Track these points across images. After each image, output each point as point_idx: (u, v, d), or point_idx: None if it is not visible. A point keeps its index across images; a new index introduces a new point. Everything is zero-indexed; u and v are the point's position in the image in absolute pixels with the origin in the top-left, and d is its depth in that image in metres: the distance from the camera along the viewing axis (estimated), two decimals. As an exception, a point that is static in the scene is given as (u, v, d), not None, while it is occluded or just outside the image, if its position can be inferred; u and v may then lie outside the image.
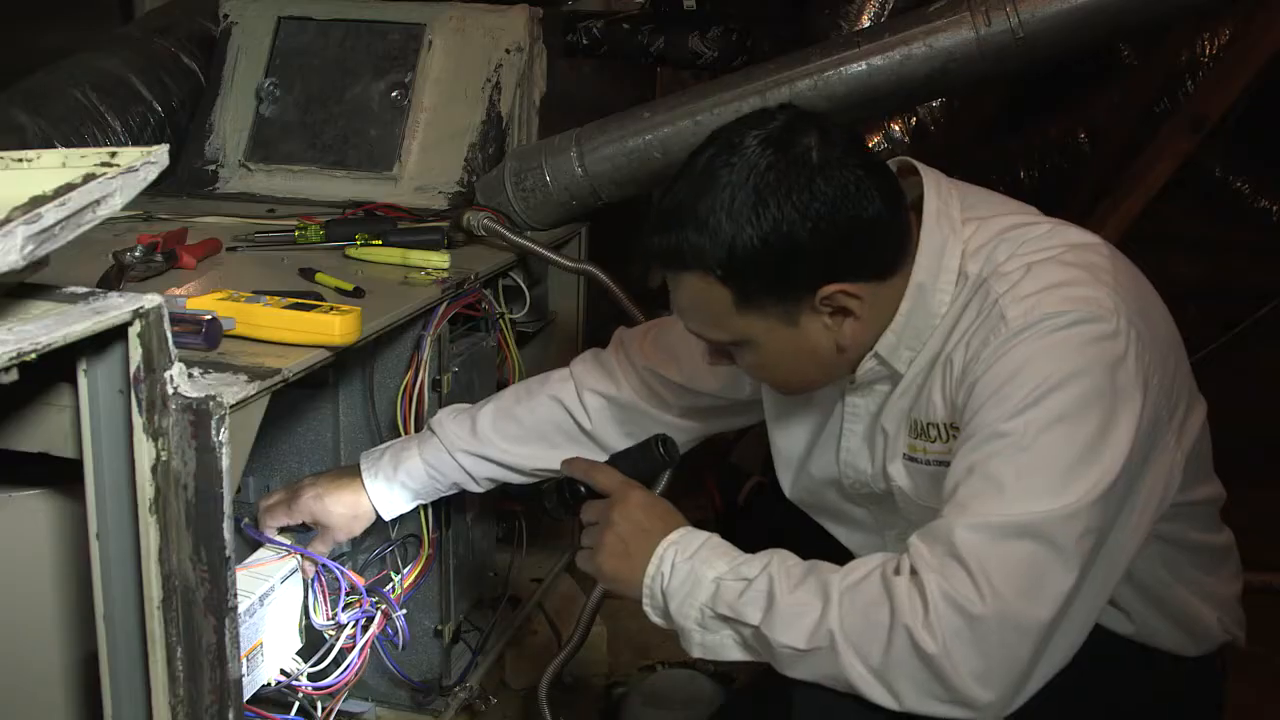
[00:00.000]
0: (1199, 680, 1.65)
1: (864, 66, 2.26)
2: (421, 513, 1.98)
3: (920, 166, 1.56)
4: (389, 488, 1.88)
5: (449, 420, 1.90)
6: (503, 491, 2.05)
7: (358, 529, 1.88)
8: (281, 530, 1.85)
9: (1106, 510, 1.32)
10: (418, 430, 1.95)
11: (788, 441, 1.76)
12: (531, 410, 1.92)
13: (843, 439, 1.64)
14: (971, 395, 1.40)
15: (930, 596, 1.26)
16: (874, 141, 3.96)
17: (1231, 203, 4.28)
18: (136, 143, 2.63)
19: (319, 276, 1.95)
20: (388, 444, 1.93)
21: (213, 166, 2.70)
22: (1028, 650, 1.27)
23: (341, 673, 1.82)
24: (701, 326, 1.51)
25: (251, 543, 1.81)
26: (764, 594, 1.36)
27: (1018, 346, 1.37)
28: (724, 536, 1.47)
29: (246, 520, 1.84)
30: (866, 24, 3.41)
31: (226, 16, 2.81)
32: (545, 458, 1.90)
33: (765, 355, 1.50)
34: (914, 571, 1.30)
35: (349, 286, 1.87)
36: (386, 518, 1.90)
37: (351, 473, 1.89)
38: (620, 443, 1.86)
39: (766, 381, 1.63)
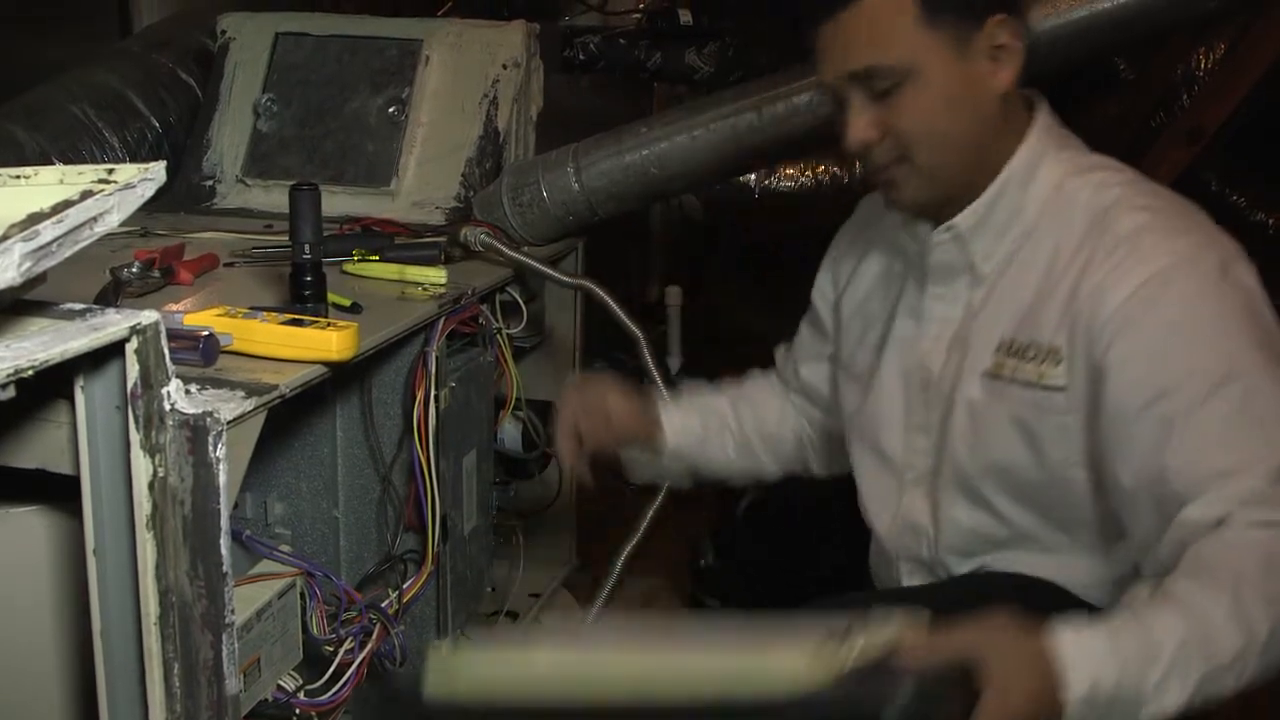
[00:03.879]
0: None
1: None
2: (430, 526, 1.98)
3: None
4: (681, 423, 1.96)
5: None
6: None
7: (632, 437, 1.92)
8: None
9: None
10: (434, 447, 1.97)
11: (862, 356, 1.78)
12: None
13: (919, 338, 1.68)
14: (1128, 338, 1.45)
15: None
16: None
17: (1229, 216, 4.29)
18: (134, 158, 2.63)
19: (316, 292, 1.95)
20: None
21: (210, 182, 2.70)
22: None
23: (339, 688, 1.82)
24: (873, 53, 1.50)
25: (253, 556, 1.81)
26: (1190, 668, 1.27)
27: (1173, 288, 1.44)
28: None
29: (249, 532, 1.84)
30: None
31: (224, 32, 2.81)
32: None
33: (931, 91, 1.51)
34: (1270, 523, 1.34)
35: (346, 302, 1.87)
36: (667, 445, 1.95)
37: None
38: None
39: (922, 133, 1.55)
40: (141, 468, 1.25)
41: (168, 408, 1.25)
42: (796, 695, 1.16)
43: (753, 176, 4.00)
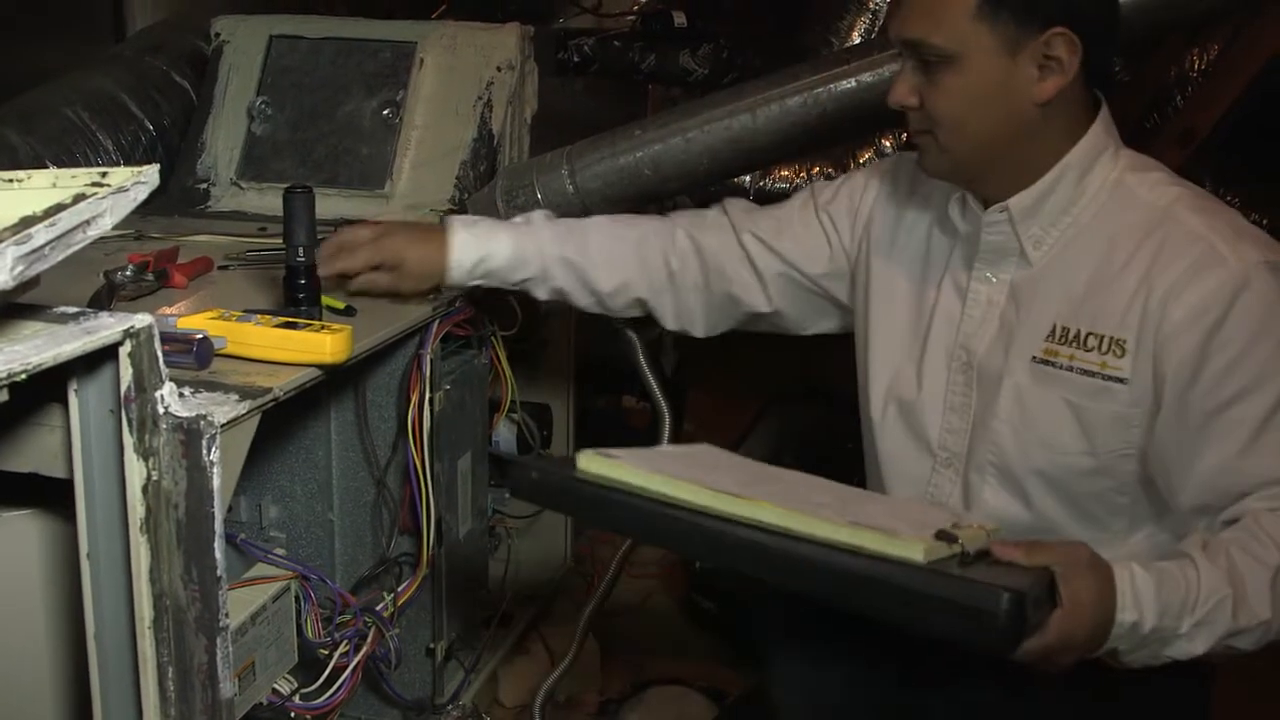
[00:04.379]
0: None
1: (854, 84, 2.26)
2: (424, 529, 1.98)
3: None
4: (472, 248, 1.96)
5: (546, 222, 2.01)
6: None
7: (424, 283, 1.96)
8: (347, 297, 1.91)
9: None
10: (429, 450, 1.97)
11: (907, 332, 1.78)
12: (636, 241, 2.01)
13: (963, 320, 1.70)
14: (1206, 339, 1.49)
15: None
16: (865, 157, 3.97)
17: (1223, 216, 4.30)
18: (128, 161, 2.63)
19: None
20: (478, 218, 2.06)
21: (204, 185, 2.70)
22: None
23: (334, 692, 1.82)
24: (927, 27, 1.55)
25: (247, 559, 1.81)
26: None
27: (1251, 293, 1.49)
28: None
29: (243, 536, 1.84)
30: (857, 41, 3.42)
31: (218, 35, 2.81)
32: (627, 286, 2.01)
33: (968, 80, 1.55)
34: None
35: (340, 305, 1.87)
36: (450, 279, 1.96)
37: (440, 229, 1.98)
38: (692, 296, 2.00)
39: (947, 117, 1.60)
40: (135, 471, 1.25)
41: (161, 411, 1.25)
42: (919, 566, 1.27)
43: (748, 178, 4.00)
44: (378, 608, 1.92)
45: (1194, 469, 1.52)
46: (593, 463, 1.47)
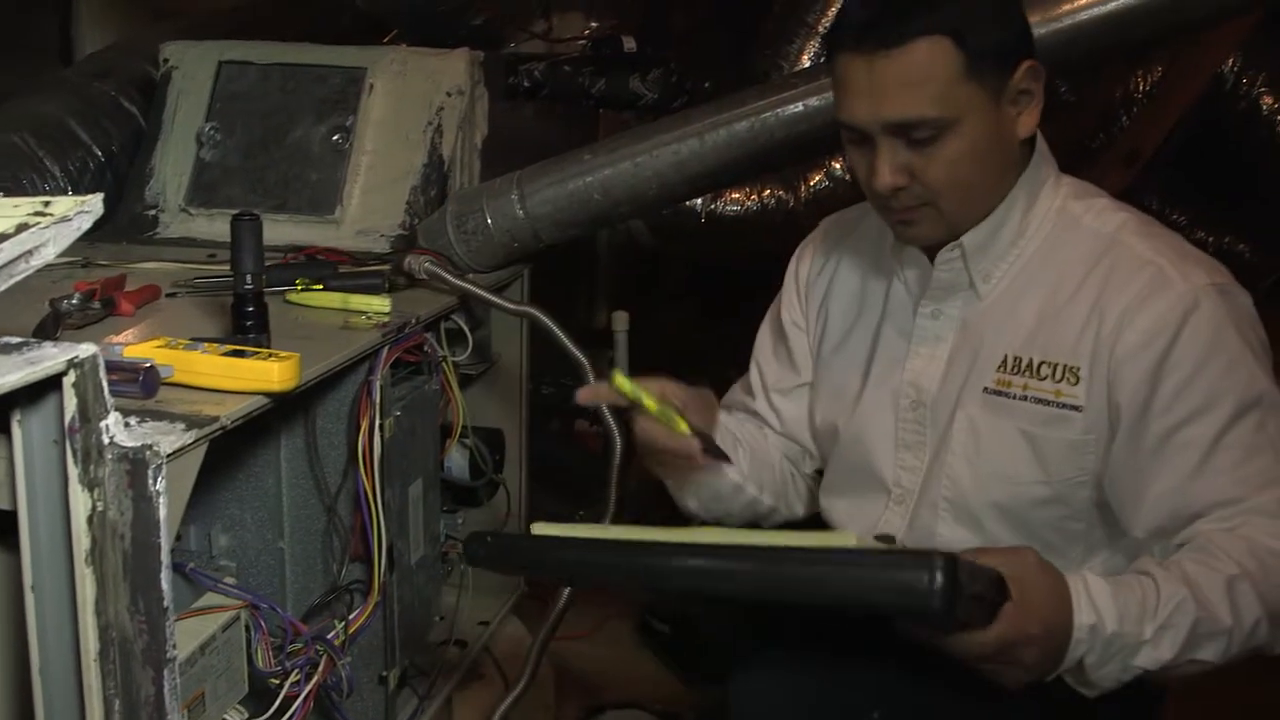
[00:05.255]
0: None
1: (801, 108, 2.28)
2: (376, 556, 1.97)
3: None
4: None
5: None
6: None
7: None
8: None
9: None
10: (380, 476, 1.95)
11: (844, 375, 1.79)
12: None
13: (909, 357, 1.70)
14: (1157, 364, 1.51)
15: None
16: (815, 179, 3.99)
17: (1171, 234, 4.36)
18: (76, 188, 2.61)
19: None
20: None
21: (153, 211, 2.68)
22: None
23: (285, 721, 1.81)
24: (920, 103, 1.49)
25: (197, 588, 1.80)
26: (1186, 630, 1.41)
27: (1200, 316, 1.51)
28: None
29: (192, 565, 1.82)
30: (806, 65, 3.44)
31: (167, 61, 2.80)
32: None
33: (967, 141, 1.51)
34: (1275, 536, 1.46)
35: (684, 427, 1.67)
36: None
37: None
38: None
39: (950, 184, 1.55)
40: (80, 502, 1.24)
41: (106, 441, 1.24)
42: (854, 547, 1.34)
43: (699, 200, 4.02)
44: (329, 636, 1.91)
45: (1147, 493, 1.53)
46: (547, 529, 1.51)
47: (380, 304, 2.08)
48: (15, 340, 1.23)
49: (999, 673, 1.38)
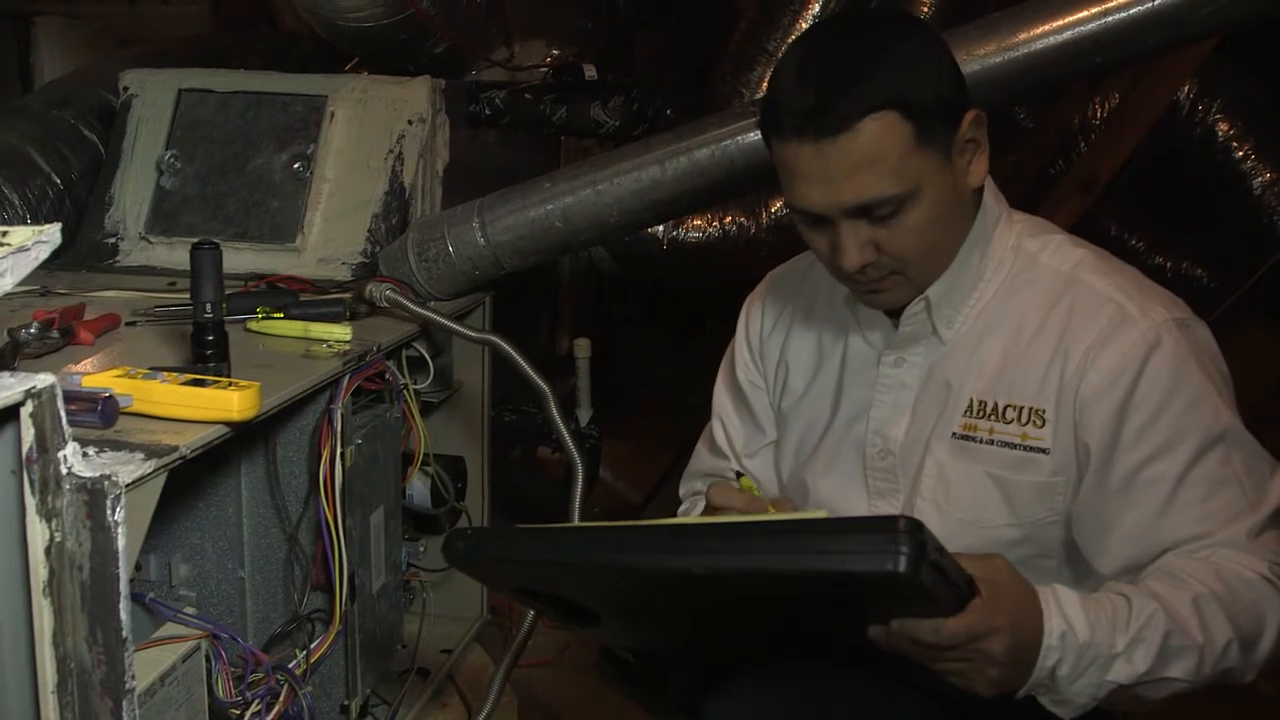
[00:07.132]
0: None
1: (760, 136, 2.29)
2: (337, 585, 1.96)
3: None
4: None
5: None
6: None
7: None
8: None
9: None
10: (341, 505, 1.94)
11: (808, 429, 1.77)
12: None
13: (874, 406, 1.68)
14: (1121, 403, 1.51)
15: None
16: (776, 206, 4.02)
17: (1128, 260, 4.39)
18: (35, 216, 2.60)
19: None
20: None
21: (113, 239, 2.67)
22: None
23: (245, 752, 1.80)
24: (878, 183, 1.46)
25: (157, 618, 1.79)
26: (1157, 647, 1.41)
27: (1162, 353, 1.51)
28: None
29: (152, 595, 1.81)
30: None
31: (126, 89, 2.79)
32: None
33: (928, 206, 1.50)
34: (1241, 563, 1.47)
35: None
36: None
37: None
38: None
39: (917, 251, 1.54)
40: (38, 533, 1.23)
41: (64, 471, 1.24)
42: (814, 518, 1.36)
43: (661, 227, 4.04)
44: (290, 665, 1.90)
45: (1114, 531, 1.53)
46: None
47: (341, 332, 2.08)
48: (-28, 371, 1.22)
49: (967, 674, 1.36)
